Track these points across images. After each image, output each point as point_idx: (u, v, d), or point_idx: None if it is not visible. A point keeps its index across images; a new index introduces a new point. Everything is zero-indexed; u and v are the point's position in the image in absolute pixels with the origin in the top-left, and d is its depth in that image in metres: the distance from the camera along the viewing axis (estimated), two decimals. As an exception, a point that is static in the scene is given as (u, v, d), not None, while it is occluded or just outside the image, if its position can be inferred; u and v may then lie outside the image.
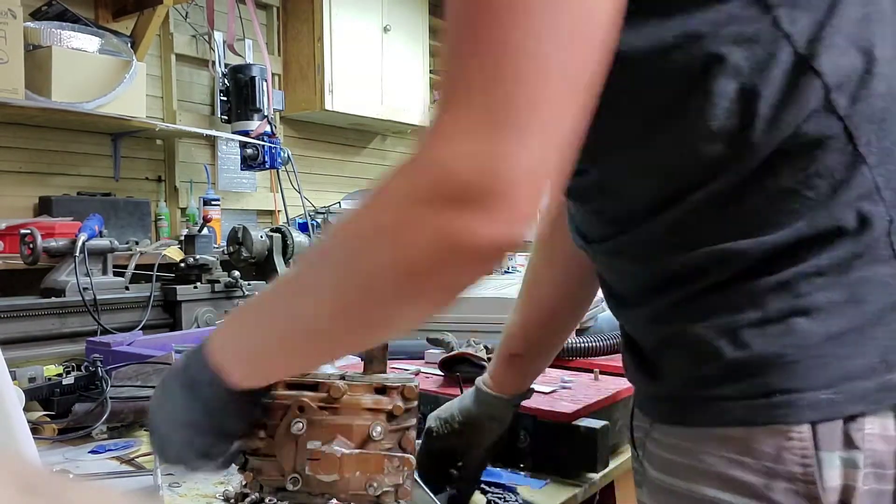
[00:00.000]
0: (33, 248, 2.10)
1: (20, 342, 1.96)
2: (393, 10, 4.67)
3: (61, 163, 3.27)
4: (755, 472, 0.54)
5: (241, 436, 0.66)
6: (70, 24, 3.00)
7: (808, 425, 0.53)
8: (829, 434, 0.53)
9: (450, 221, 0.46)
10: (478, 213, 0.45)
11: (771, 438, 0.54)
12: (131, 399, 1.20)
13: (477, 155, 0.45)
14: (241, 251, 2.72)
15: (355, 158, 4.95)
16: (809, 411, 0.53)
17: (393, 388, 0.68)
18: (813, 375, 0.53)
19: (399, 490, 0.66)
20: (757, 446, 0.54)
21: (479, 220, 0.45)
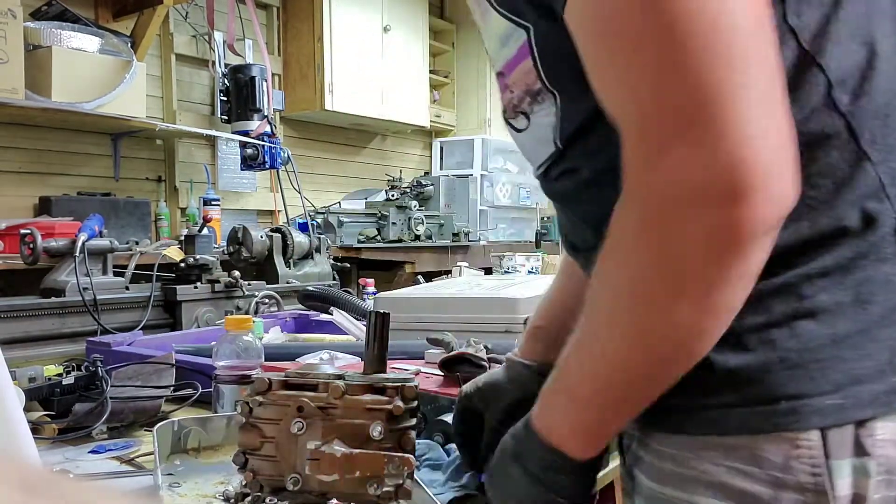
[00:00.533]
0: (33, 248, 2.10)
1: (20, 342, 1.97)
2: (393, 10, 4.67)
3: (61, 163, 3.27)
4: (761, 482, 0.52)
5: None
6: (70, 23, 3.01)
7: (817, 432, 0.51)
8: (839, 441, 0.51)
9: (718, 219, 0.46)
10: (740, 202, 0.45)
11: (778, 447, 0.52)
12: (131, 399, 1.20)
13: (698, 152, 0.45)
14: (241, 251, 2.72)
15: (355, 158, 4.95)
16: (817, 417, 0.51)
17: (392, 388, 0.68)
18: (819, 380, 0.51)
19: (399, 490, 0.66)
20: (763, 455, 0.52)
21: (752, 202, 0.45)
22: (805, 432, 0.51)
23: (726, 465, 0.54)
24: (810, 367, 0.52)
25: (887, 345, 0.52)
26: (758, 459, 0.52)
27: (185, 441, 1.04)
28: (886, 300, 0.52)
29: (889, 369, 0.51)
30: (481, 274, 2.56)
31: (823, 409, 0.51)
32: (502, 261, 2.77)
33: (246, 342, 1.14)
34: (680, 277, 0.49)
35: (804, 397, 0.51)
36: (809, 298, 0.52)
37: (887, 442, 0.51)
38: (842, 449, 0.51)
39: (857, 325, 0.52)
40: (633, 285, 0.51)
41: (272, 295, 2.41)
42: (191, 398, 1.24)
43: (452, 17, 5.61)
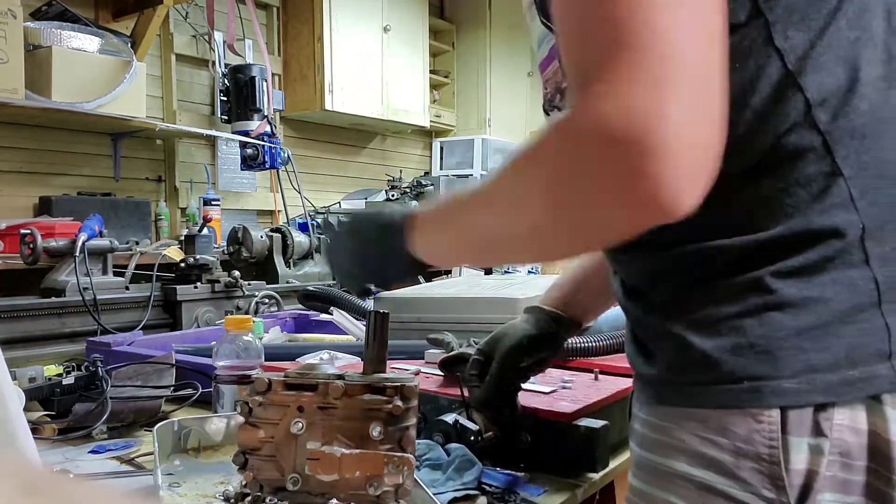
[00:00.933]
0: (33, 248, 2.10)
1: (20, 342, 1.97)
2: (393, 11, 4.67)
3: (61, 163, 3.27)
4: (726, 450, 0.59)
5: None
6: (70, 23, 3.01)
7: (777, 410, 0.57)
8: (797, 421, 0.57)
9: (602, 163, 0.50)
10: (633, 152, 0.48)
11: (743, 421, 0.58)
12: (131, 399, 1.20)
13: (631, 110, 0.48)
14: (241, 251, 2.72)
15: (355, 158, 4.95)
16: (774, 398, 0.57)
17: (392, 387, 0.68)
18: (781, 365, 0.57)
19: (399, 490, 0.66)
20: (730, 427, 0.59)
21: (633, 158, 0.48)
22: (767, 410, 0.57)
23: (700, 436, 0.60)
24: (774, 353, 0.58)
25: (846, 341, 0.57)
26: (725, 431, 0.59)
27: (184, 441, 1.04)
28: (848, 300, 0.57)
29: (845, 364, 0.57)
30: (481, 274, 2.56)
31: (781, 391, 0.57)
32: (502, 261, 2.76)
33: (246, 342, 1.14)
34: (550, 181, 0.55)
35: (765, 379, 0.57)
36: (779, 292, 0.58)
37: (844, 427, 0.56)
38: (800, 428, 0.57)
39: (820, 320, 0.57)
40: (507, 168, 0.59)
41: (272, 295, 2.41)
42: (191, 398, 1.24)
43: (452, 17, 5.61)
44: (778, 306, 0.58)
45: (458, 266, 0.95)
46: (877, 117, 0.58)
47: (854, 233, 0.57)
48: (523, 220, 0.58)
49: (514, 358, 0.93)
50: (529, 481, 0.97)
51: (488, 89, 5.45)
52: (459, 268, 2.54)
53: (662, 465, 0.63)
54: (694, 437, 0.61)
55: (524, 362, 0.94)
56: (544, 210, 0.56)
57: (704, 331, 0.60)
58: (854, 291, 0.57)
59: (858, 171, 0.57)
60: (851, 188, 0.57)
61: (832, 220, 0.57)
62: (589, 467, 0.97)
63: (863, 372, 0.56)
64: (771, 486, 0.57)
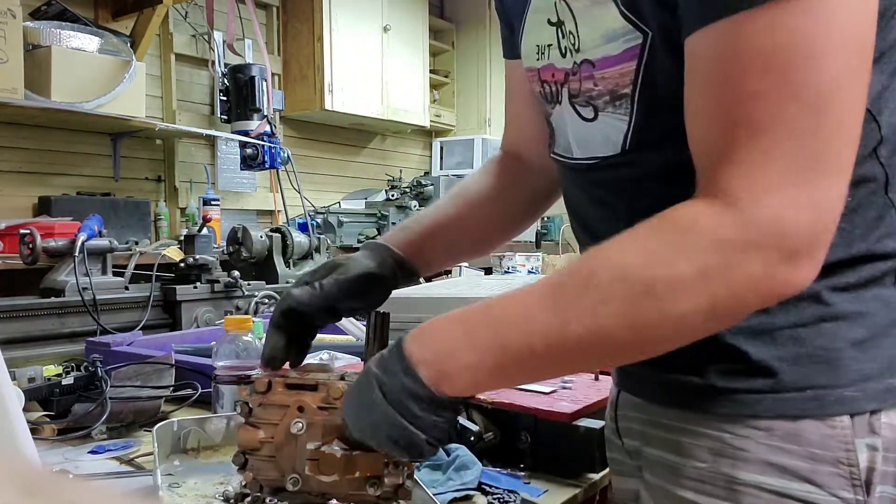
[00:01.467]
0: (33, 248, 2.10)
1: (20, 342, 1.96)
2: (393, 10, 4.67)
3: (61, 163, 3.27)
4: (800, 457, 0.61)
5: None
6: (69, 23, 3.00)
7: (847, 416, 0.60)
8: (860, 424, 0.60)
9: (776, 275, 0.52)
10: (803, 260, 0.52)
11: (814, 427, 0.60)
12: (131, 399, 1.20)
13: (807, 204, 0.51)
14: (240, 251, 2.72)
15: (355, 158, 4.95)
16: (837, 405, 0.60)
17: (393, 388, 0.68)
18: (840, 375, 0.60)
19: (399, 490, 0.66)
20: (801, 434, 0.61)
21: (801, 267, 0.52)
22: (839, 417, 0.60)
23: (767, 444, 0.61)
24: (834, 363, 0.61)
25: (888, 353, 0.61)
26: (796, 438, 0.61)
27: (184, 441, 1.04)
28: (887, 316, 0.62)
29: (888, 372, 0.61)
30: (481, 274, 2.56)
31: (842, 399, 0.60)
32: (502, 261, 2.77)
33: (246, 342, 1.14)
34: (706, 292, 0.52)
35: (827, 388, 0.60)
36: (835, 306, 0.61)
37: (887, 425, 0.61)
38: (862, 430, 0.60)
39: (868, 332, 0.61)
40: (653, 278, 0.53)
41: (272, 295, 2.41)
42: (190, 398, 1.24)
43: (452, 17, 5.61)
44: (833, 318, 0.61)
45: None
46: None
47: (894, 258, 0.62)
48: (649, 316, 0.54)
49: (350, 295, 0.76)
50: (529, 481, 0.97)
51: (488, 89, 5.45)
52: (459, 268, 2.54)
53: (721, 473, 0.63)
54: (760, 445, 0.62)
55: (356, 303, 0.78)
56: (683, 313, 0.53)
57: (760, 340, 0.62)
58: (890, 308, 0.62)
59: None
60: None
61: (885, 247, 0.61)
62: (589, 467, 0.97)
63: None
64: (849, 486, 0.60)
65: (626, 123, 0.64)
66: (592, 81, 0.66)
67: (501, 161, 0.92)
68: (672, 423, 0.67)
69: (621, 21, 0.61)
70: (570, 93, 0.70)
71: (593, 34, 0.64)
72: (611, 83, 0.64)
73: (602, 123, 0.67)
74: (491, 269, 2.82)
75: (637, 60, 0.61)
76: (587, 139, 0.70)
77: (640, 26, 0.60)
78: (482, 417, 1.02)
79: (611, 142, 0.66)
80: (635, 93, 0.62)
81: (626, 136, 0.65)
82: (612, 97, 0.65)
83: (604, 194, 0.71)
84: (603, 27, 0.63)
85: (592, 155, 0.69)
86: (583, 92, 0.68)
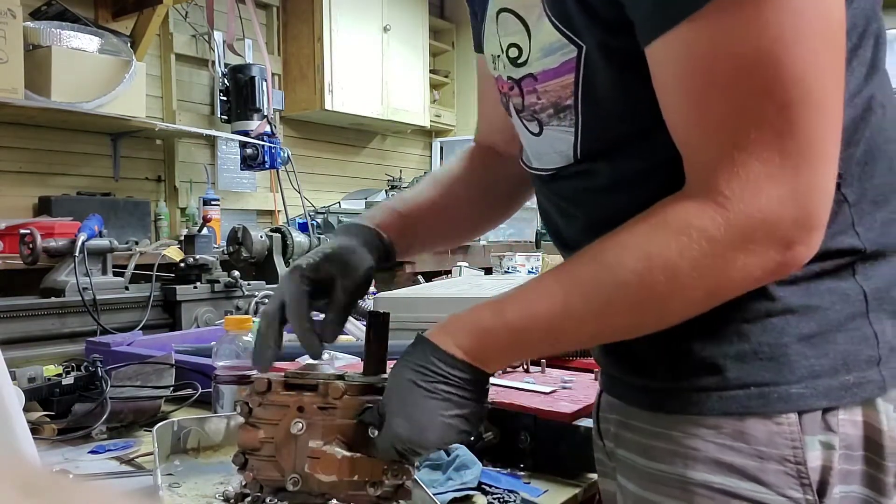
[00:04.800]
0: (33, 248, 2.10)
1: (20, 342, 1.96)
2: (393, 10, 4.67)
3: (61, 163, 3.27)
4: (748, 455, 0.60)
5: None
6: (70, 23, 3.00)
7: (795, 414, 0.59)
8: (810, 420, 0.59)
9: (769, 260, 0.54)
10: (797, 246, 0.54)
11: (761, 425, 0.59)
12: (131, 399, 1.20)
13: (790, 197, 0.52)
14: (240, 251, 2.72)
15: (355, 158, 4.95)
16: (782, 403, 0.59)
17: (393, 388, 0.68)
18: (786, 371, 0.59)
19: (399, 490, 0.66)
20: (748, 432, 0.60)
21: (797, 252, 0.54)
22: (785, 414, 0.59)
23: (715, 442, 0.61)
24: (779, 359, 0.60)
25: (842, 348, 0.59)
26: (743, 436, 0.60)
27: (184, 441, 1.04)
28: (842, 309, 0.60)
29: (842, 369, 0.59)
30: (481, 274, 2.56)
31: (788, 396, 0.59)
32: (502, 261, 2.77)
33: (246, 342, 1.14)
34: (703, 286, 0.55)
35: (772, 384, 0.59)
36: (782, 300, 0.60)
37: (847, 422, 0.59)
38: (813, 426, 0.59)
39: (819, 327, 0.59)
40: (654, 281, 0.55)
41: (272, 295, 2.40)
42: (190, 398, 1.24)
43: (452, 17, 5.61)
44: (781, 312, 0.60)
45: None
46: (874, 144, 0.61)
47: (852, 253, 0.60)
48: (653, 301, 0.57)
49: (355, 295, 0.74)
50: (529, 481, 0.97)
51: (488, 89, 5.45)
52: (459, 268, 2.54)
53: (675, 474, 0.63)
54: (709, 443, 0.61)
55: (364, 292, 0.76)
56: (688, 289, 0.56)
57: (707, 337, 0.61)
58: (846, 301, 0.60)
59: (859, 197, 0.61)
60: (854, 214, 0.60)
61: (839, 244, 0.60)
62: (589, 467, 0.97)
63: (857, 377, 0.59)
64: (797, 485, 0.59)
65: (572, 135, 0.65)
66: (536, 95, 0.67)
67: (476, 150, 0.92)
68: (637, 424, 0.67)
69: (556, 34, 0.61)
70: (515, 107, 0.70)
71: (536, 46, 0.65)
72: (553, 96, 0.65)
73: (548, 137, 0.68)
74: (491, 269, 2.82)
75: (575, 73, 0.62)
76: (539, 152, 0.71)
77: (574, 39, 0.61)
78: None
79: (562, 154, 0.67)
80: (577, 104, 0.63)
81: (575, 146, 0.65)
82: (555, 110, 0.65)
83: (565, 205, 0.71)
84: (543, 41, 0.64)
85: (547, 166, 0.70)
86: (527, 106, 0.68)
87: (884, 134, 0.62)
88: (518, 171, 0.87)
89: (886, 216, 0.62)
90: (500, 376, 1.19)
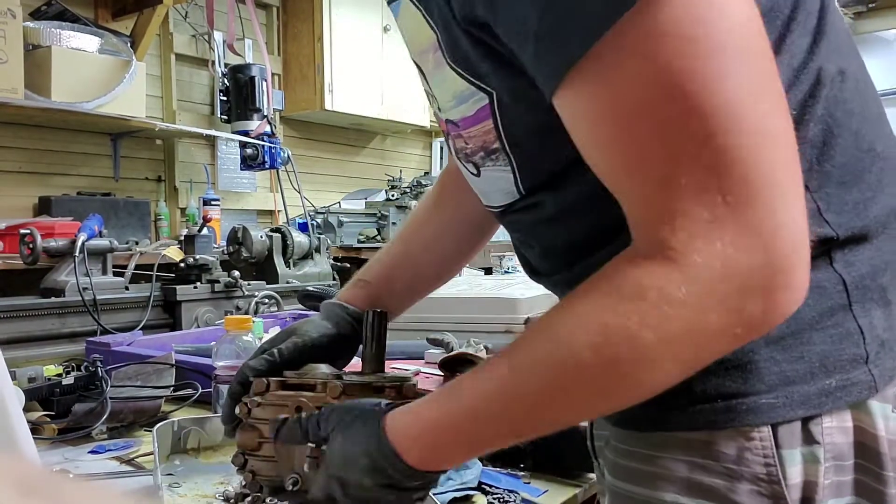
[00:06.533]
0: (33, 248, 2.10)
1: (20, 342, 1.96)
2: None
3: (61, 163, 3.27)
4: (717, 474, 0.54)
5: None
6: (69, 23, 3.00)
7: (767, 427, 0.53)
8: (787, 432, 0.53)
9: (748, 315, 0.46)
10: (778, 292, 0.45)
11: (731, 440, 0.54)
12: (131, 399, 1.20)
13: (749, 239, 0.44)
14: (241, 251, 2.72)
15: (355, 158, 4.95)
16: (751, 415, 0.53)
17: (391, 387, 0.68)
18: (754, 380, 0.53)
19: (398, 490, 0.66)
20: (718, 448, 0.54)
21: (779, 298, 0.46)
22: (754, 428, 0.53)
23: (686, 461, 0.55)
24: (746, 367, 0.54)
25: (819, 348, 0.53)
26: (713, 453, 0.54)
27: (184, 441, 1.04)
28: (816, 305, 0.53)
29: (821, 372, 0.53)
30: (481, 274, 2.56)
31: (758, 408, 0.53)
32: (502, 261, 2.76)
33: (246, 342, 1.14)
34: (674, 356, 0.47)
35: (739, 396, 0.53)
36: None
37: (833, 430, 0.53)
38: (791, 439, 0.53)
39: (789, 328, 0.52)
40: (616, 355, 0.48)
41: (272, 295, 2.41)
42: (190, 398, 1.24)
43: (452, 16, 5.60)
44: None
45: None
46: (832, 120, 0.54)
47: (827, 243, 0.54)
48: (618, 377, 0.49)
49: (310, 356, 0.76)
50: (529, 481, 0.97)
51: (488, 89, 5.44)
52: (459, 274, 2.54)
53: (648, 497, 0.57)
54: (679, 462, 0.56)
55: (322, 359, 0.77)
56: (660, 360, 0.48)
57: None
58: (822, 295, 0.53)
59: (822, 181, 0.54)
60: (817, 201, 0.54)
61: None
62: (589, 467, 0.97)
63: (840, 380, 0.53)
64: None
65: (510, 173, 0.61)
66: (463, 140, 0.63)
67: (448, 181, 0.88)
68: (615, 443, 0.63)
69: (463, 83, 0.57)
70: (455, 149, 0.67)
71: (446, 95, 0.61)
72: (479, 141, 0.61)
73: (488, 178, 0.64)
74: (491, 270, 2.82)
75: (492, 118, 0.58)
76: (484, 191, 0.68)
77: (482, 87, 0.56)
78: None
79: (505, 191, 0.64)
80: (504, 146, 0.59)
81: (517, 183, 0.61)
82: (486, 153, 0.62)
83: (521, 236, 0.69)
84: (451, 88, 0.60)
85: (495, 203, 0.67)
86: (459, 149, 0.65)
87: (843, 106, 0.55)
88: None
89: (858, 196, 0.55)
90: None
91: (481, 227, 0.87)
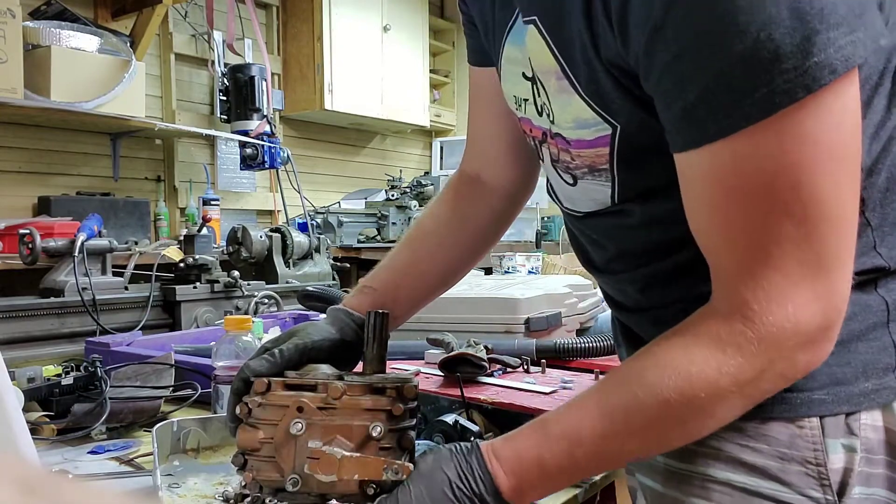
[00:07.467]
0: (32, 248, 2.10)
1: (19, 342, 1.96)
2: (393, 10, 4.67)
3: (61, 163, 3.27)
4: (770, 456, 0.63)
5: None
6: (69, 23, 3.00)
7: (816, 417, 0.62)
8: (833, 425, 0.62)
9: (799, 363, 0.57)
10: (820, 345, 0.57)
11: (784, 428, 0.63)
12: (130, 399, 1.20)
13: (813, 302, 0.55)
14: (240, 251, 2.72)
15: (355, 158, 4.95)
16: (804, 408, 0.63)
17: (392, 387, 0.68)
18: (810, 378, 0.61)
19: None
20: (771, 434, 0.63)
21: (821, 349, 0.57)
22: (808, 418, 0.62)
23: (739, 443, 0.64)
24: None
25: (862, 357, 0.63)
26: (766, 438, 0.63)
27: (184, 441, 1.04)
28: (864, 320, 0.63)
29: (862, 376, 0.63)
30: (481, 274, 2.56)
31: (811, 402, 0.63)
32: (502, 261, 2.77)
33: (245, 342, 1.14)
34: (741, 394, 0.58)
35: (796, 391, 0.62)
36: None
37: (868, 426, 0.63)
38: (836, 430, 0.62)
39: (842, 337, 0.60)
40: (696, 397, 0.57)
41: (272, 295, 2.41)
42: (190, 398, 1.24)
43: (452, 16, 5.60)
44: None
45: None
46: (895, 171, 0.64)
47: (878, 272, 0.64)
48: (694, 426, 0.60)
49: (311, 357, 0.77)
50: (529, 481, 0.97)
51: (488, 89, 5.44)
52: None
53: (697, 472, 0.66)
54: (732, 444, 0.64)
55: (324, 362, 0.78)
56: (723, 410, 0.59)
57: None
58: (869, 313, 0.63)
59: (881, 221, 0.64)
60: (875, 238, 0.64)
61: (862, 265, 0.62)
62: (589, 467, 0.97)
63: (875, 384, 0.63)
64: (818, 485, 0.62)
65: (609, 188, 0.68)
66: (570, 155, 0.69)
67: (458, 186, 0.93)
68: None
69: (590, 112, 0.64)
70: (552, 157, 0.73)
71: (565, 116, 0.67)
72: (587, 160, 0.68)
73: (583, 188, 0.71)
74: (491, 269, 2.82)
75: (609, 146, 0.64)
76: (573, 198, 0.74)
77: (609, 119, 0.63)
78: (482, 417, 1.02)
79: (597, 201, 0.71)
80: (613, 167, 0.66)
81: (612, 196, 0.69)
82: (590, 170, 0.68)
83: (596, 237, 0.76)
84: (573, 113, 0.66)
85: (581, 209, 0.74)
86: (561, 160, 0.71)
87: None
88: (501, 205, 0.91)
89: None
90: (500, 377, 1.19)
91: (486, 239, 0.94)
